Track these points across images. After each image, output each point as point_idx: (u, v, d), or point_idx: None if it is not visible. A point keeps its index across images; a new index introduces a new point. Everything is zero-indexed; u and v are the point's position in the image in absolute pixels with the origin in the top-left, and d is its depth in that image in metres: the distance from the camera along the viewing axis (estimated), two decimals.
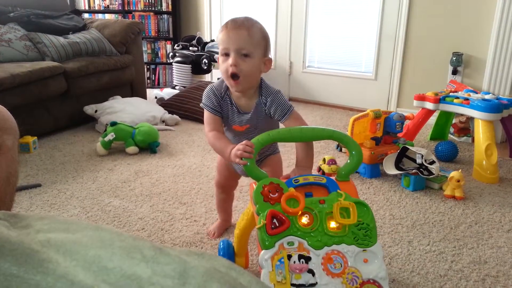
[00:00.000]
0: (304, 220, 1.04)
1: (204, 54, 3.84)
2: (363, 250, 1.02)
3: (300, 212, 1.03)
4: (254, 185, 1.12)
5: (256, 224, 1.03)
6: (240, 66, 1.22)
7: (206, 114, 1.33)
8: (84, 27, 3.51)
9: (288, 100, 1.50)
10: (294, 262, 0.99)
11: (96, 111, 3.00)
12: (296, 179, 1.11)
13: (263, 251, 0.99)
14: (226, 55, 1.23)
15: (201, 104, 1.35)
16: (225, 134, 1.37)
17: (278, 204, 1.05)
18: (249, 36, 1.22)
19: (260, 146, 1.14)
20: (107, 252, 0.43)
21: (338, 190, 1.09)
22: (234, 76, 1.23)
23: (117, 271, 0.40)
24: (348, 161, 1.17)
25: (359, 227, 1.04)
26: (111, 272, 0.40)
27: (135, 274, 0.41)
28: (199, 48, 4.02)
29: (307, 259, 0.99)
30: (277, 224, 1.01)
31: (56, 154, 2.58)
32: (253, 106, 1.32)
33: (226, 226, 1.73)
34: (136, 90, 3.60)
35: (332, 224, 1.04)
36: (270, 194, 1.06)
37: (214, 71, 4.19)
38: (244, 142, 1.12)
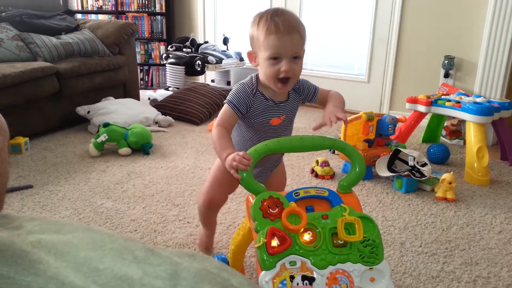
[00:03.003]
0: (307, 237, 0.96)
1: (197, 56, 3.84)
2: (370, 268, 0.96)
3: (302, 229, 0.96)
4: (251, 198, 1.05)
5: (255, 242, 0.95)
6: (292, 70, 1.17)
7: (226, 109, 1.24)
8: (77, 28, 3.49)
9: None
10: (297, 283, 0.92)
11: (88, 112, 2.99)
12: (297, 193, 1.04)
13: (263, 272, 0.92)
14: (275, 59, 1.16)
15: (226, 100, 1.26)
16: (253, 138, 1.30)
17: (279, 220, 0.97)
18: (301, 38, 1.17)
19: (258, 157, 1.06)
20: (98, 254, 0.42)
21: (342, 204, 1.03)
22: (284, 80, 1.18)
23: (108, 272, 0.40)
24: (351, 171, 1.11)
25: (364, 243, 0.97)
26: (102, 273, 0.40)
27: (126, 275, 0.40)
28: (193, 49, 4.01)
29: (311, 280, 0.92)
30: (278, 243, 0.94)
31: (48, 155, 2.56)
32: (286, 94, 1.30)
33: (213, 236, 1.61)
34: (129, 91, 3.59)
35: (336, 241, 0.97)
36: (270, 210, 0.99)
37: (207, 72, 4.19)
38: (241, 153, 1.04)
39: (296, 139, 1.10)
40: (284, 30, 1.13)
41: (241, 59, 4.06)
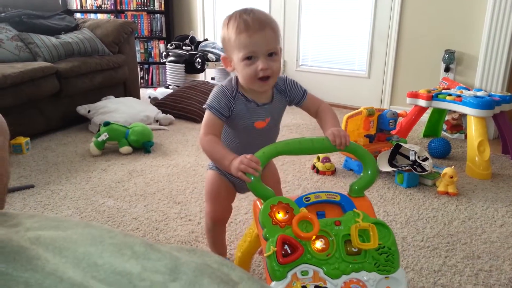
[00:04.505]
0: (319, 245, 0.91)
1: (197, 54, 3.84)
2: (385, 277, 0.92)
3: (314, 237, 0.91)
4: (258, 203, 1.00)
5: (264, 251, 0.91)
6: (271, 68, 1.11)
7: (209, 116, 1.18)
8: (76, 27, 3.49)
9: None
10: None
11: (89, 111, 2.99)
12: (307, 197, 0.99)
13: (273, 282, 0.88)
14: (250, 58, 1.10)
15: (204, 105, 1.20)
16: (238, 140, 1.26)
17: (289, 227, 0.92)
18: (274, 34, 1.11)
19: (266, 160, 1.01)
20: (97, 249, 0.42)
21: (354, 209, 0.98)
22: (265, 78, 1.12)
23: (107, 268, 0.40)
24: (363, 175, 1.06)
25: (380, 251, 0.93)
26: (101, 268, 0.40)
27: (125, 270, 0.41)
28: (193, 47, 4.01)
29: None
30: (289, 251, 0.88)
31: (49, 155, 2.57)
32: (270, 95, 1.23)
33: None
34: (129, 90, 3.59)
35: (350, 249, 0.93)
36: (280, 216, 0.93)
37: (207, 70, 4.18)
38: (249, 156, 0.99)
39: (306, 140, 1.05)
40: (254, 26, 1.08)
41: None
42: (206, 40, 4.22)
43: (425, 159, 2.12)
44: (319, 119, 1.24)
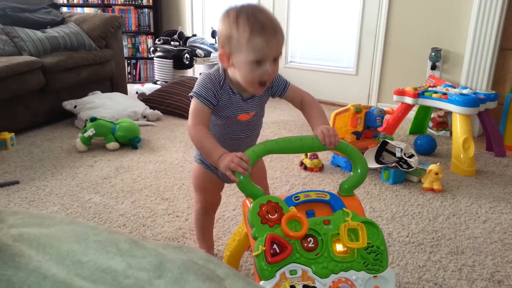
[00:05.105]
0: (308, 244, 0.91)
1: (186, 49, 3.82)
2: (374, 276, 0.92)
3: (303, 236, 0.92)
4: (248, 202, 1.00)
5: (253, 250, 0.90)
6: (274, 73, 1.11)
7: (196, 104, 1.14)
8: (62, 21, 3.44)
9: None
10: None
11: (75, 106, 2.95)
12: (297, 196, 0.99)
13: (261, 282, 0.87)
14: (258, 62, 1.06)
15: (190, 93, 1.16)
16: (221, 129, 1.23)
17: (278, 226, 0.92)
18: (283, 39, 1.09)
19: (256, 159, 1.00)
20: (81, 246, 0.42)
21: (344, 208, 0.98)
22: (264, 82, 1.11)
23: (91, 265, 0.40)
24: (353, 173, 1.06)
25: (368, 250, 0.93)
26: (85, 265, 0.40)
27: (109, 268, 0.40)
28: (181, 42, 3.99)
29: None
30: (278, 251, 0.88)
31: (34, 150, 2.53)
32: None
33: (212, 254, 1.52)
34: (116, 85, 3.56)
35: (339, 248, 0.92)
36: (269, 215, 0.93)
37: (196, 66, 4.16)
38: (239, 154, 0.98)
39: (296, 139, 1.04)
40: (270, 31, 1.04)
41: None
42: (194, 35, 4.20)
43: (411, 156, 2.14)
44: (305, 112, 1.24)
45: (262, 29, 1.03)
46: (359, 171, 1.05)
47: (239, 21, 1.05)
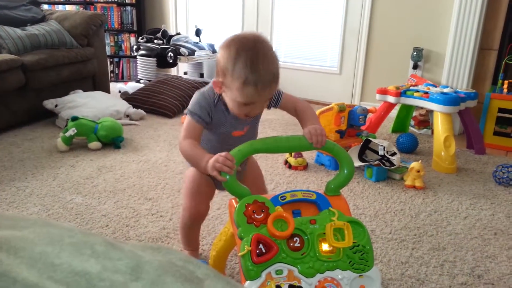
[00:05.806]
0: (294, 244, 0.91)
1: (169, 48, 3.78)
2: (360, 275, 0.92)
3: (289, 235, 0.91)
4: (234, 202, 0.99)
5: (239, 250, 0.90)
6: (261, 110, 1.18)
7: (190, 121, 1.18)
8: (43, 19, 3.38)
9: None
10: None
11: (56, 105, 2.90)
12: (283, 196, 0.98)
13: (247, 282, 0.87)
14: (246, 104, 1.09)
15: (186, 110, 1.20)
16: (215, 143, 1.26)
17: (264, 226, 0.91)
18: (276, 85, 1.10)
19: (242, 158, 1.00)
20: (55, 249, 0.41)
21: (330, 208, 0.98)
22: (250, 116, 1.17)
23: (64, 268, 0.39)
24: (339, 173, 1.06)
25: (354, 249, 0.93)
26: (58, 268, 0.39)
27: (84, 270, 0.40)
28: (164, 41, 3.95)
29: None
30: (264, 251, 0.88)
31: (14, 150, 2.48)
32: None
33: (198, 255, 1.53)
34: (98, 84, 3.50)
35: (325, 247, 0.92)
36: (255, 215, 0.93)
37: (180, 64, 4.13)
38: (223, 154, 0.98)
39: (283, 139, 1.04)
40: (265, 83, 1.05)
41: (214, 51, 4.03)
42: (178, 34, 4.17)
43: (393, 154, 2.17)
44: (299, 118, 1.25)
45: (256, 81, 1.03)
46: (345, 171, 1.05)
47: (237, 62, 1.04)
